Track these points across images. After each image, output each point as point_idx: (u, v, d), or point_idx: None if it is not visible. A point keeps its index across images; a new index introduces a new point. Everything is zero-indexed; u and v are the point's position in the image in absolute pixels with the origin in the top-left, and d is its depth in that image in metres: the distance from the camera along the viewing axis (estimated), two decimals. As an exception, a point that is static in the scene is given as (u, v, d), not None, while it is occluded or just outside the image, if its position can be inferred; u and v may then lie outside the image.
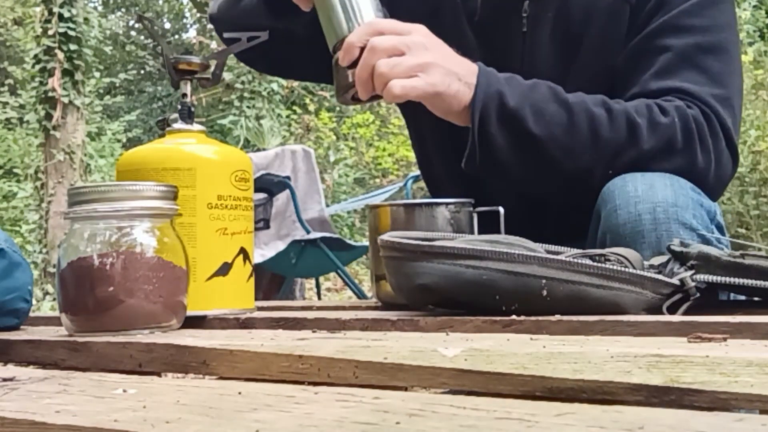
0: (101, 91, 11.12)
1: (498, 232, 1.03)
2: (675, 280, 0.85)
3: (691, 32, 1.17)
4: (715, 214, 1.11)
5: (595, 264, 0.84)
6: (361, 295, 4.00)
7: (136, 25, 15.42)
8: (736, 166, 1.18)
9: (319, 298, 4.89)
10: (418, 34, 1.08)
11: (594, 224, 1.08)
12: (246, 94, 9.46)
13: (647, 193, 1.03)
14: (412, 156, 8.32)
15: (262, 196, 3.67)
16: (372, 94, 1.07)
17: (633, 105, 1.12)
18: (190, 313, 0.93)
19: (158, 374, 0.73)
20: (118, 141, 10.56)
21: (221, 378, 0.68)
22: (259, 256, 3.46)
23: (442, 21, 1.29)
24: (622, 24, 1.20)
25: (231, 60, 9.10)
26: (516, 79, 1.12)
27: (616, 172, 1.08)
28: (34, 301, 1.07)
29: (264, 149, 6.42)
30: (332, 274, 5.35)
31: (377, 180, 8.67)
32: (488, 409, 0.47)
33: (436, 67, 1.07)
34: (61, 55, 7.89)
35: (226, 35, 1.24)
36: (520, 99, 1.09)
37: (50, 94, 7.89)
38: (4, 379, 0.67)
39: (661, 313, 0.83)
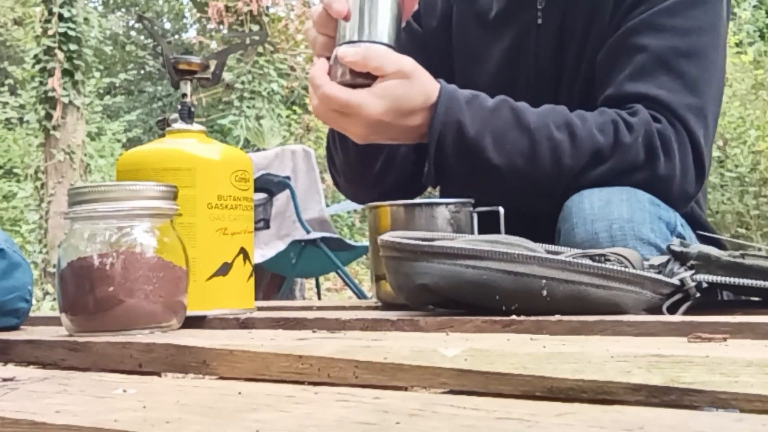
0: (101, 91, 11.12)
1: (498, 232, 1.03)
2: (675, 280, 0.85)
3: (670, 33, 1.15)
4: (676, 225, 1.10)
5: (595, 264, 0.84)
6: (361, 295, 4.00)
7: (136, 25, 15.42)
8: (702, 180, 1.16)
9: (319, 298, 4.89)
10: (390, 78, 1.05)
11: (557, 241, 1.08)
12: (246, 94, 9.46)
13: (603, 210, 1.02)
14: (412, 156, 8.31)
15: (262, 196, 3.67)
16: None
17: (600, 123, 1.10)
18: (190, 313, 0.93)
19: (158, 374, 0.73)
20: (118, 141, 10.56)
21: (221, 378, 0.68)
22: (259, 256, 3.46)
23: (451, 29, 1.32)
24: (606, 17, 1.20)
25: (231, 60, 9.10)
26: (479, 102, 1.09)
27: (575, 190, 1.08)
28: (34, 301, 1.07)
29: (264, 149, 6.42)
30: (332, 274, 5.35)
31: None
32: (488, 409, 0.47)
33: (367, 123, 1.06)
34: (61, 55, 7.89)
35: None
36: (481, 126, 1.08)
37: (50, 94, 7.89)
38: (4, 379, 0.67)
39: (661, 313, 0.83)
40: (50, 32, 7.92)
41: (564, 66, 1.24)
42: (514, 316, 0.81)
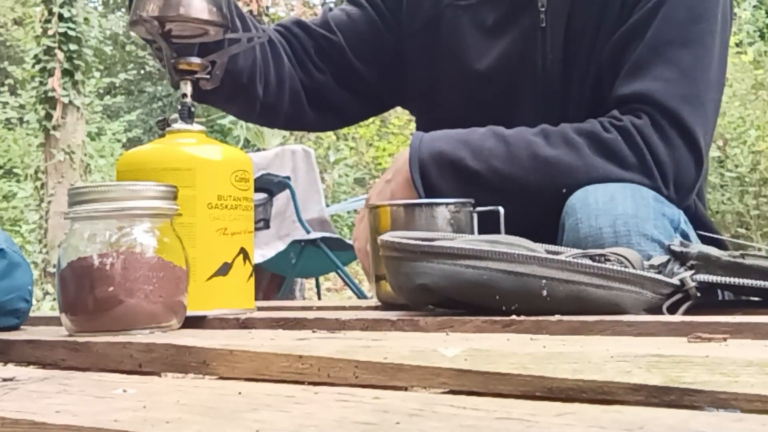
0: (101, 91, 11.12)
1: (498, 232, 1.03)
2: (675, 280, 0.85)
3: (666, 23, 1.16)
4: (679, 222, 1.11)
5: (595, 264, 0.84)
6: (361, 295, 4.00)
7: (136, 25, 15.39)
8: (701, 168, 1.17)
9: (319, 298, 4.89)
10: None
11: (560, 236, 1.09)
12: (246, 94, 9.43)
13: (608, 206, 1.03)
14: (412, 156, 8.30)
15: (262, 196, 3.67)
16: None
17: (573, 126, 1.14)
18: (190, 313, 0.93)
19: (158, 374, 0.73)
20: (118, 141, 10.56)
21: (221, 378, 0.68)
22: (259, 256, 3.46)
23: (440, 34, 1.31)
24: (614, 16, 1.20)
25: (231, 60, 9.05)
26: (452, 132, 1.17)
27: (570, 190, 1.09)
28: (34, 301, 1.07)
29: (264, 149, 6.42)
30: (332, 274, 5.35)
31: (377, 180, 8.65)
32: (488, 409, 0.47)
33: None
34: (61, 55, 7.89)
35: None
36: (456, 144, 1.15)
37: (50, 94, 7.89)
38: (4, 379, 0.67)
39: (661, 313, 0.83)
40: (50, 32, 7.91)
41: (573, 68, 1.23)
42: (514, 316, 0.81)
